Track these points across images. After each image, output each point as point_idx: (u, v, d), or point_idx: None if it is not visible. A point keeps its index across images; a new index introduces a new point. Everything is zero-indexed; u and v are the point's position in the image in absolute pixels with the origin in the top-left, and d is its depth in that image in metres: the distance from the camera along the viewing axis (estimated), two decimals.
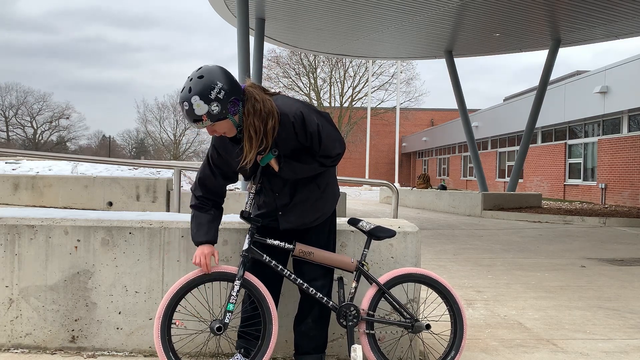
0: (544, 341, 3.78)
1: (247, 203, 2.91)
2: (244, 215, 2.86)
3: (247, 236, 2.85)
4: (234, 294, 2.76)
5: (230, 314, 2.75)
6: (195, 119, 2.59)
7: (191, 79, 2.58)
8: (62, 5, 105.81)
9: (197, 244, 2.83)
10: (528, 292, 5.30)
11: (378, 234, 2.96)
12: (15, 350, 3.22)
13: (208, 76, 2.57)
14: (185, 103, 2.57)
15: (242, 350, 2.91)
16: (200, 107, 2.56)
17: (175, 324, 2.79)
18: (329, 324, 3.02)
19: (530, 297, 5.12)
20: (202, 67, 2.63)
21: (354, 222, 3.06)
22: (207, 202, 2.89)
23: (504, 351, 3.54)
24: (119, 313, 3.23)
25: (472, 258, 7.42)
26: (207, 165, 2.87)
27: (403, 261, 3.26)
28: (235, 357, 2.90)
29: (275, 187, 2.86)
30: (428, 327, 2.96)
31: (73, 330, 3.23)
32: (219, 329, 2.71)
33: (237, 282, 2.77)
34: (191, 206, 2.93)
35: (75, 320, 3.23)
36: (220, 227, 3.22)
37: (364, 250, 2.98)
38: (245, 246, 2.83)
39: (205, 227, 2.84)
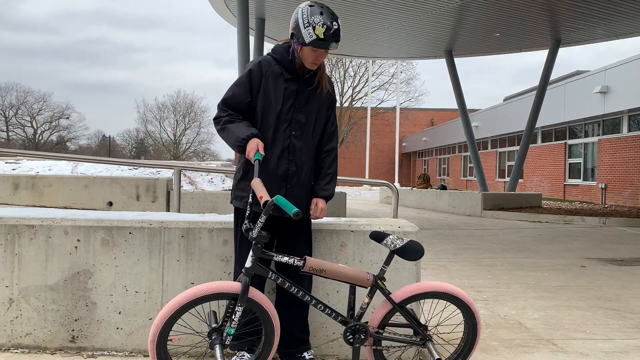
0: (544, 341, 3.78)
1: (249, 217, 2.70)
2: (247, 232, 2.66)
3: (251, 253, 2.63)
4: (236, 319, 2.59)
5: (230, 337, 2.61)
6: (338, 40, 2.84)
7: (322, 6, 2.82)
8: (66, 7, 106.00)
9: (245, 138, 2.80)
10: (528, 292, 5.30)
11: (405, 255, 2.69)
12: (15, 350, 3.22)
13: None
14: (335, 23, 2.80)
15: (246, 348, 2.91)
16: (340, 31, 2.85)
17: (170, 340, 2.64)
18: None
19: (530, 297, 5.12)
20: None
21: (378, 237, 2.77)
22: (237, 116, 2.95)
23: (504, 351, 3.54)
24: (119, 313, 3.23)
25: (472, 258, 7.42)
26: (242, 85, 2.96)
27: (403, 261, 3.26)
28: (240, 356, 2.90)
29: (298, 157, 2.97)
30: None
31: (73, 330, 3.23)
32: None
33: (240, 308, 2.59)
34: (221, 124, 2.93)
35: (75, 320, 3.23)
36: (220, 227, 3.24)
37: (383, 267, 2.74)
38: (249, 264, 2.62)
39: (246, 126, 2.87)
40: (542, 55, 17.88)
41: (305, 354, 3.02)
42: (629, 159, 18.53)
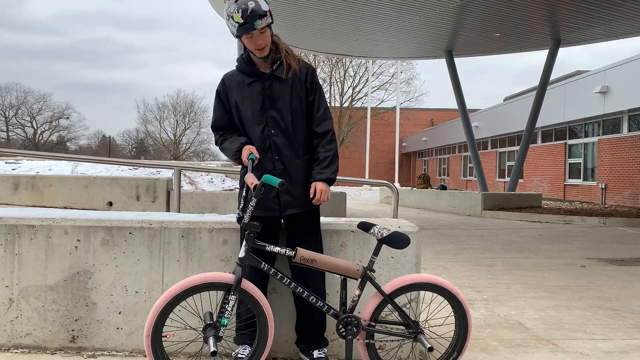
0: (544, 341, 3.78)
1: (243, 209, 2.78)
2: (241, 221, 2.73)
3: (244, 243, 2.68)
4: (229, 308, 2.62)
5: (224, 328, 2.63)
6: (262, 15, 2.80)
7: None
8: (67, 8, 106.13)
9: (240, 147, 2.96)
10: (528, 292, 5.30)
11: (392, 244, 2.75)
12: (16, 350, 3.22)
13: None
14: (252, 2, 2.79)
15: (248, 341, 2.95)
16: (265, 5, 2.83)
17: (165, 336, 2.66)
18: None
19: (530, 297, 5.12)
20: None
21: (365, 227, 2.86)
22: (228, 133, 3.11)
23: (504, 351, 3.54)
24: (119, 313, 3.23)
25: (472, 258, 7.42)
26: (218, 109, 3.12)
27: (403, 261, 3.26)
28: (242, 348, 2.94)
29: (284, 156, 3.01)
30: (431, 349, 2.75)
31: (73, 330, 3.23)
32: (213, 353, 2.51)
33: (233, 298, 2.63)
34: (219, 145, 3.13)
35: (75, 320, 3.23)
36: (219, 227, 3.24)
37: (372, 257, 2.80)
38: (242, 254, 2.67)
39: (235, 138, 3.03)
40: (542, 55, 17.90)
41: (314, 352, 3.04)
42: (629, 159, 18.53)
